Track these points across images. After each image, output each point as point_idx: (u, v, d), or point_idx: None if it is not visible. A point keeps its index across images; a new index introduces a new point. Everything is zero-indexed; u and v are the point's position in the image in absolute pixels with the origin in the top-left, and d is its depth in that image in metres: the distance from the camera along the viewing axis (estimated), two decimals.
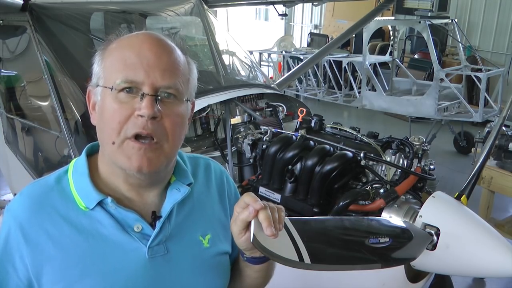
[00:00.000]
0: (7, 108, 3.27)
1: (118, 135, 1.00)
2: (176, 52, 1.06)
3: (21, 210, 1.05)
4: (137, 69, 0.99)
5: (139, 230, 1.07)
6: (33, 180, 2.95)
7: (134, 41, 1.03)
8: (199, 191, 1.20)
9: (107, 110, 1.02)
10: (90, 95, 1.10)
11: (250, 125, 2.84)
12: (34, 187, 1.09)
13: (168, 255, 1.09)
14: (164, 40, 1.06)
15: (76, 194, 1.07)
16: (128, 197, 1.09)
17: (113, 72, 1.01)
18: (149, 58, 1.00)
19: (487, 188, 3.71)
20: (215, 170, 1.28)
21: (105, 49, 1.06)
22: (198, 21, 3.53)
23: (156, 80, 1.00)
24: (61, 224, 1.04)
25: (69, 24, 2.95)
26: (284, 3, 5.37)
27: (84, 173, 1.09)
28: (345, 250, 1.22)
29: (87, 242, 1.04)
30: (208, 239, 1.16)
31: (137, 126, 0.99)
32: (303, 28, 12.14)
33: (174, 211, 1.12)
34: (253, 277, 1.23)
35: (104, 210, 1.06)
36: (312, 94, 8.18)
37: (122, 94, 1.00)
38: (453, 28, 6.66)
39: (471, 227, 1.62)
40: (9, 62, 3.34)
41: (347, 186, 2.15)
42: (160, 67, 1.00)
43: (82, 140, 2.71)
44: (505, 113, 2.14)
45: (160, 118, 1.00)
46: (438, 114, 6.03)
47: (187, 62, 1.09)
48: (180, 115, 1.05)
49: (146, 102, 0.98)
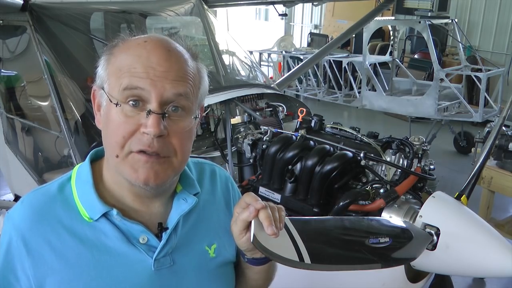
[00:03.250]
0: (7, 108, 3.27)
1: (121, 149, 0.97)
2: (187, 61, 1.00)
3: (22, 220, 1.02)
4: (143, 78, 0.94)
5: (145, 241, 1.04)
6: (33, 180, 2.96)
7: (142, 51, 0.96)
8: (205, 200, 1.17)
9: (112, 121, 0.97)
10: (95, 95, 1.05)
11: (250, 125, 2.84)
12: (35, 195, 1.06)
13: (174, 266, 1.07)
14: (174, 49, 0.99)
15: (80, 205, 1.03)
16: (133, 207, 1.06)
17: (118, 78, 0.96)
18: (156, 68, 0.95)
19: (487, 188, 3.71)
20: (220, 177, 1.25)
21: (111, 53, 1.00)
22: (198, 21, 3.53)
23: (164, 90, 0.95)
24: (64, 235, 1.01)
25: (69, 24, 2.95)
26: (284, 3, 5.37)
27: (88, 182, 1.05)
28: (345, 250, 1.22)
29: (91, 254, 1.01)
30: (214, 249, 1.14)
31: (142, 143, 0.95)
32: (303, 28, 12.14)
33: (180, 222, 1.09)
34: (254, 279, 1.22)
35: (109, 221, 1.03)
36: (312, 94, 8.18)
37: (128, 106, 0.95)
38: (453, 28, 6.66)
39: (471, 227, 1.62)
40: (9, 62, 3.34)
41: (347, 186, 2.15)
42: (169, 77, 0.95)
43: (82, 140, 2.71)
44: (505, 113, 2.14)
45: (167, 135, 0.97)
46: (438, 114, 6.03)
47: (197, 70, 1.04)
48: (188, 130, 1.01)
49: (152, 120, 0.94)
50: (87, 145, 2.70)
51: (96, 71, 1.03)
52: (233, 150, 2.71)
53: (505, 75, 6.73)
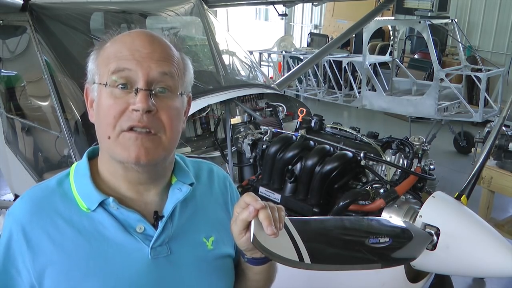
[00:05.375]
0: (7, 108, 3.27)
1: (113, 130, 1.00)
2: (169, 47, 1.07)
3: (22, 214, 1.05)
4: (129, 60, 1.00)
5: (142, 230, 1.06)
6: (33, 180, 2.96)
7: (126, 38, 1.04)
8: (202, 193, 1.19)
9: (103, 105, 1.02)
10: (88, 93, 1.10)
11: (250, 125, 2.84)
12: (35, 190, 1.09)
13: (171, 256, 1.08)
14: (157, 36, 1.06)
15: (78, 196, 1.06)
16: (128, 196, 1.09)
17: (106, 65, 1.02)
18: (141, 50, 1.01)
19: (487, 188, 3.71)
20: (218, 175, 1.27)
21: (100, 48, 1.07)
22: (198, 21, 3.53)
23: (150, 69, 1.00)
24: (63, 226, 1.03)
25: (69, 24, 2.95)
26: (284, 3, 5.37)
27: (85, 175, 1.09)
28: (345, 250, 1.22)
29: (89, 244, 1.03)
30: (212, 241, 1.15)
31: (131, 119, 0.99)
32: (303, 28, 12.14)
33: (177, 211, 1.11)
34: (254, 280, 1.22)
35: (106, 211, 1.05)
36: (312, 94, 8.18)
37: (117, 90, 1.00)
38: (453, 28, 6.66)
39: (471, 227, 1.62)
40: (9, 62, 3.34)
41: (347, 186, 2.15)
42: (154, 58, 1.01)
43: (82, 140, 2.71)
44: (505, 113, 2.14)
45: (156, 111, 1.01)
46: (438, 114, 6.03)
47: (181, 58, 1.10)
48: (176, 108, 1.05)
49: (140, 96, 0.98)
50: (87, 145, 2.70)
51: (86, 70, 1.09)
52: (233, 150, 2.71)
53: (505, 75, 6.74)
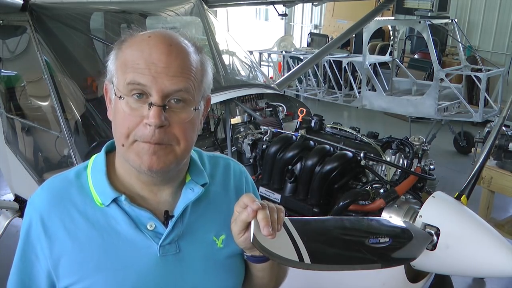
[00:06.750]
0: (7, 108, 3.26)
1: (127, 139, 1.03)
2: (189, 56, 1.04)
3: (41, 203, 1.10)
4: (145, 75, 0.99)
5: (152, 228, 1.09)
6: (33, 180, 2.95)
7: (145, 46, 1.02)
8: (215, 192, 1.20)
9: (119, 113, 1.04)
10: (107, 90, 1.11)
11: (250, 125, 2.84)
12: (54, 181, 1.14)
13: (180, 254, 1.11)
14: (176, 44, 1.04)
15: (94, 191, 1.10)
16: (142, 195, 1.11)
17: (123, 73, 1.02)
18: (157, 64, 1.00)
19: (487, 188, 3.71)
20: (234, 170, 1.27)
21: (119, 48, 1.06)
22: (198, 21, 3.53)
23: (164, 86, 0.99)
24: (78, 219, 1.08)
25: (69, 24, 2.95)
26: (284, 3, 5.37)
27: (101, 170, 1.12)
28: (345, 250, 1.22)
29: (102, 237, 1.07)
30: (222, 240, 1.16)
31: (145, 135, 1.01)
32: (303, 28, 12.13)
33: (188, 210, 1.13)
34: (258, 277, 1.23)
35: (119, 208, 1.08)
36: (312, 94, 8.18)
37: (132, 99, 1.02)
38: (453, 28, 6.66)
39: (471, 227, 1.62)
40: (9, 62, 3.34)
41: (347, 186, 2.15)
42: (169, 74, 1.00)
43: (82, 140, 2.71)
44: (505, 113, 2.14)
45: (168, 125, 1.02)
46: (438, 114, 6.03)
47: (201, 63, 1.08)
48: (190, 120, 1.05)
49: (153, 112, 0.99)
50: (87, 145, 2.70)
51: (107, 65, 1.09)
52: (233, 150, 2.71)
53: (505, 75, 6.74)
